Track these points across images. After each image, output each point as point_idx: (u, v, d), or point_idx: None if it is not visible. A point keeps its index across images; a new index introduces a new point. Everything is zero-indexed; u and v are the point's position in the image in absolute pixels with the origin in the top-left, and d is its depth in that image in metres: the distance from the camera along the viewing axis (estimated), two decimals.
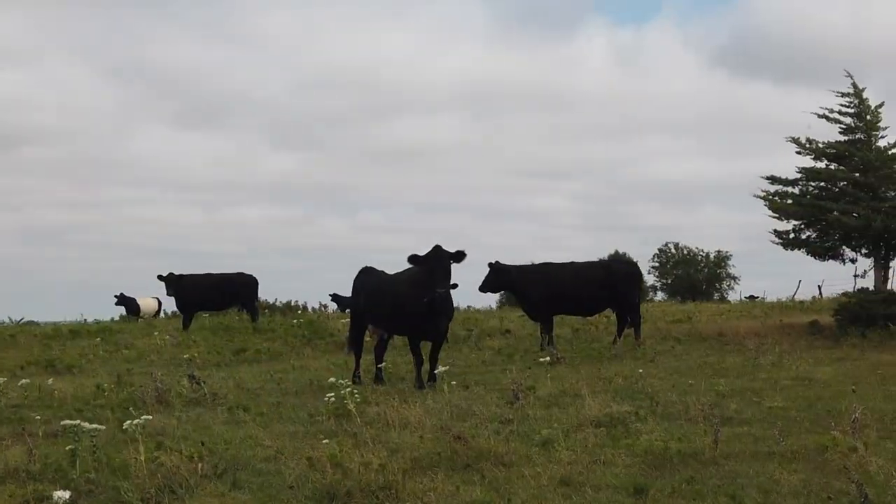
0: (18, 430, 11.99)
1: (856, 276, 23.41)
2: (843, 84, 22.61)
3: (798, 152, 22.70)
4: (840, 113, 22.69)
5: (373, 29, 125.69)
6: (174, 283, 28.97)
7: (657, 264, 67.08)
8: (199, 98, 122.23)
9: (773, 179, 22.76)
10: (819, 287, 45.52)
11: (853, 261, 23.12)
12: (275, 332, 26.03)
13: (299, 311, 36.78)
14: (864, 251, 22.67)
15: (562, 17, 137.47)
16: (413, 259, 14.66)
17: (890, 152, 22.41)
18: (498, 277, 21.15)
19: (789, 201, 22.53)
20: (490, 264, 21.16)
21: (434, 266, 14.46)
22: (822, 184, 22.59)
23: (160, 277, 29.15)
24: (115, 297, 37.63)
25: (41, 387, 15.23)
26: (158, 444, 9.43)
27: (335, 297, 45.92)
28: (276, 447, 10.01)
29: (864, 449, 8.29)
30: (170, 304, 40.53)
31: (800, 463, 8.40)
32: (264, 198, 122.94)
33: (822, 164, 22.85)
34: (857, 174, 21.93)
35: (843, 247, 22.60)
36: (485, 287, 21.60)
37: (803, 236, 22.67)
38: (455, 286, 15.02)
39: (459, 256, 14.68)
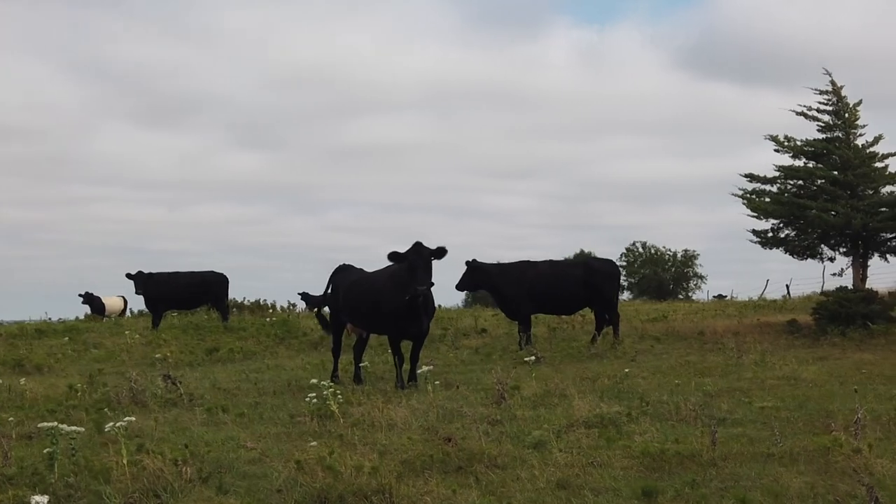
0: None
1: (833, 274, 23.30)
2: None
3: (776, 150, 22.63)
4: (818, 111, 22.63)
5: (337, 27, 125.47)
6: (143, 282, 28.48)
7: (625, 263, 67.17)
8: (162, 96, 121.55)
9: (752, 177, 22.67)
10: (787, 286, 45.64)
11: (831, 259, 23.09)
12: (246, 330, 25.68)
13: (270, 310, 36.34)
14: (842, 250, 22.64)
15: (527, 17, 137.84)
16: (393, 256, 14.39)
17: (868, 150, 22.37)
18: (474, 276, 20.91)
19: (767, 200, 22.43)
20: (467, 262, 20.93)
21: (415, 263, 14.19)
22: (801, 182, 22.49)
23: (129, 276, 28.67)
24: (81, 295, 36.99)
25: (11, 387, 14.84)
26: (139, 447, 9.11)
27: (304, 296, 45.61)
28: (261, 449, 9.76)
29: (867, 450, 8.10)
30: (137, 303, 40.27)
31: (802, 465, 8.22)
32: (228, 196, 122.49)
33: (800, 163, 22.78)
34: (836, 172, 21.84)
35: (822, 245, 22.53)
36: (462, 285, 21.39)
37: (782, 235, 22.59)
38: (432, 284, 14.78)
39: (440, 253, 14.43)
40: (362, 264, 16.03)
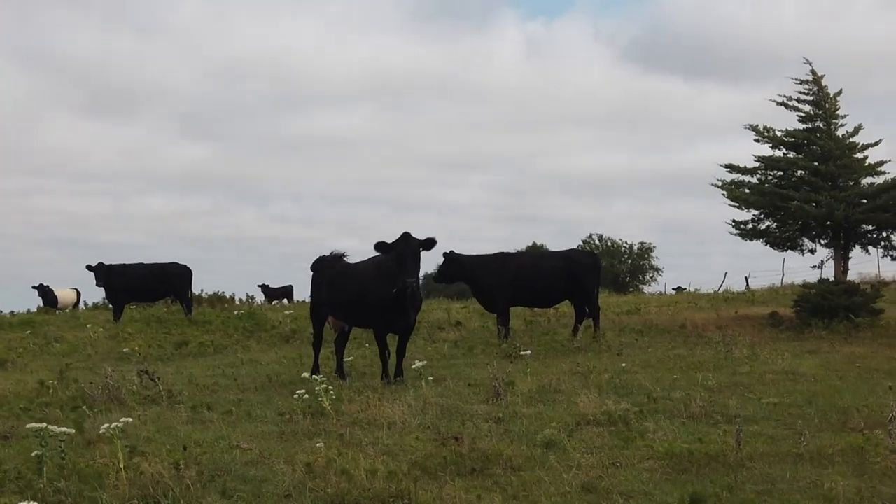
0: None
1: (813, 266, 23.11)
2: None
3: (756, 140, 22.36)
4: (798, 101, 22.38)
5: (282, 18, 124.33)
6: (104, 274, 27.73)
7: None
8: (106, 87, 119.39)
9: (732, 168, 22.39)
10: (746, 279, 45.71)
11: (812, 251, 22.90)
12: (212, 324, 24.94)
13: (235, 303, 35.66)
14: (822, 241, 22.43)
15: (474, 9, 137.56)
16: (380, 246, 13.89)
17: (848, 141, 22.17)
18: (452, 267, 20.46)
19: (746, 190, 22.16)
20: (445, 254, 20.46)
21: (403, 254, 13.70)
22: (781, 173, 22.24)
23: (89, 267, 27.90)
24: (35, 287, 36.10)
25: None
26: (132, 449, 8.53)
27: (264, 288, 45.03)
28: (258, 450, 9.24)
29: None
30: (90, 296, 39.45)
31: (836, 466, 7.87)
32: (173, 188, 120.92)
33: (779, 153, 22.52)
34: (817, 163, 21.60)
35: (802, 237, 22.30)
36: (439, 277, 20.96)
37: (762, 226, 22.32)
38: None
39: (429, 244, 13.97)
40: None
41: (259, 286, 44.97)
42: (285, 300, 44.34)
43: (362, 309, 14.41)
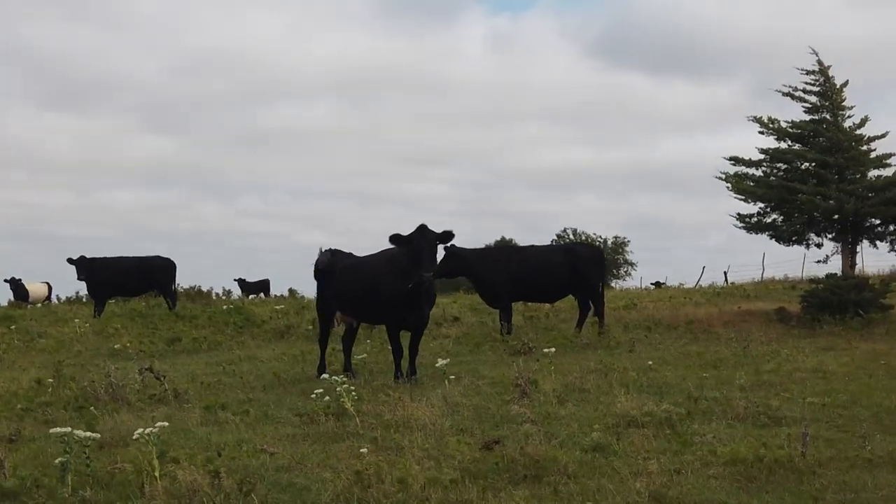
0: None
1: (818, 261, 22.70)
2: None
3: (760, 132, 21.95)
4: (804, 91, 21.96)
5: (248, 11, 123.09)
6: (85, 267, 26.99)
7: None
8: (69, 80, 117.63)
9: (736, 160, 21.97)
10: (725, 273, 45.52)
11: (818, 245, 22.49)
12: (198, 318, 24.31)
13: (212, 297, 34.97)
14: (829, 235, 22.04)
15: (440, 4, 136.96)
16: (395, 239, 13.35)
17: (856, 132, 21.79)
18: (453, 262, 19.94)
19: (751, 183, 21.75)
20: (445, 248, 19.92)
21: (419, 247, 13.17)
22: (787, 165, 21.83)
23: (70, 261, 27.15)
24: (7, 280, 35.24)
25: None
26: (161, 454, 7.96)
27: (241, 283, 44.34)
28: (288, 454, 8.71)
29: None
30: (62, 290, 38.60)
31: None
32: (137, 181, 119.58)
33: (784, 145, 22.10)
34: (825, 155, 21.19)
35: (809, 231, 21.88)
36: (439, 273, 20.44)
37: (768, 220, 21.89)
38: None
39: (447, 237, 13.48)
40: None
41: (236, 280, 44.36)
42: (262, 294, 43.73)
43: (374, 304, 13.87)
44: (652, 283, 50.52)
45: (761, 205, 21.84)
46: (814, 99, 21.91)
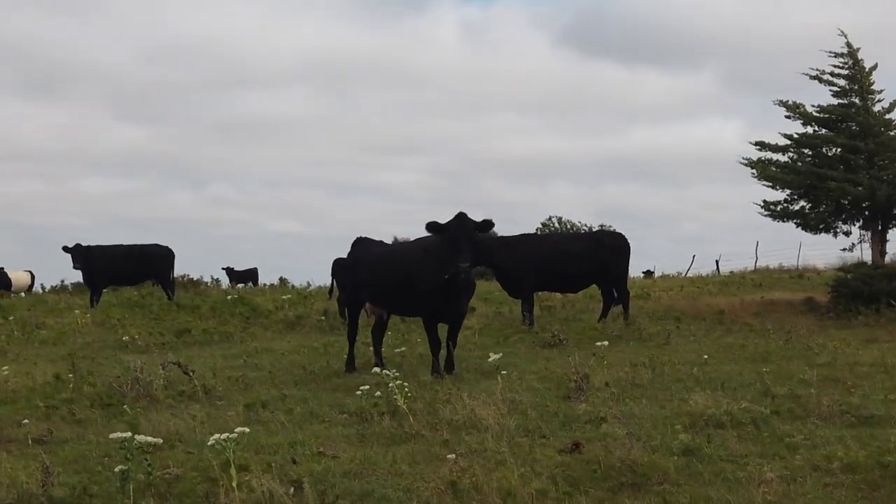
0: None
1: (844, 249, 22.13)
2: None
3: (787, 116, 21.30)
4: (832, 74, 21.32)
5: None
6: (81, 255, 26.18)
7: None
8: (40, 67, 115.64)
9: (762, 145, 21.32)
10: (716, 262, 45.07)
11: (846, 233, 21.89)
12: (200, 308, 23.55)
13: (212, 286, 34.27)
14: (857, 223, 21.43)
15: None
16: (432, 227, 12.70)
17: (885, 117, 21.17)
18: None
19: (773, 169, 21.10)
20: None
21: (456, 236, 12.51)
22: (813, 151, 21.18)
23: (66, 249, 26.35)
24: None
25: None
26: (225, 462, 7.25)
27: (229, 271, 43.58)
28: (354, 458, 8.05)
29: None
30: (46, 279, 37.71)
31: None
32: (109, 169, 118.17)
33: (810, 130, 21.46)
34: (855, 140, 20.54)
35: (836, 219, 21.24)
36: None
37: (795, 207, 21.24)
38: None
39: (486, 226, 12.82)
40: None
41: (224, 269, 43.66)
42: (250, 283, 43.02)
43: (409, 296, 13.20)
44: (643, 272, 50.10)
45: (788, 192, 21.22)
46: (842, 82, 21.28)
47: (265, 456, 7.97)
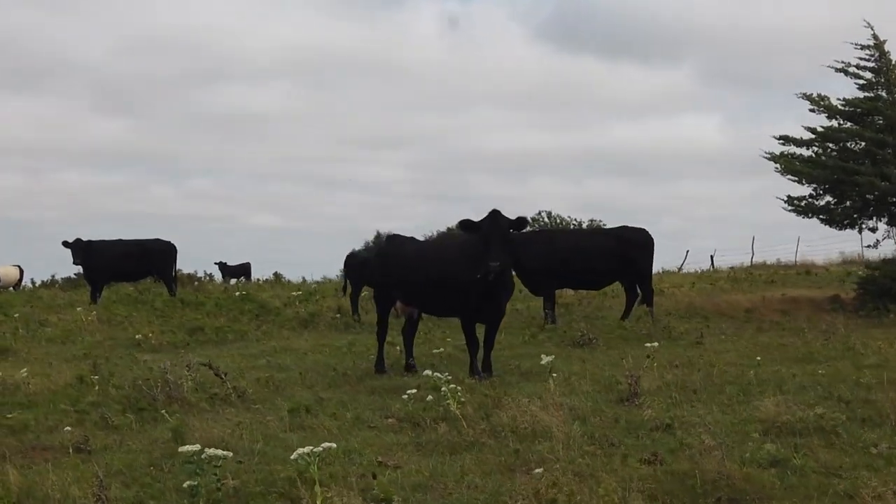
0: (23, 442, 9.24)
1: (868, 246, 21.66)
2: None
3: (811, 110, 20.86)
4: (858, 67, 20.87)
5: None
6: (82, 251, 25.61)
7: None
8: (18, 60, 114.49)
9: (786, 140, 20.88)
10: (711, 257, 44.79)
11: (872, 230, 21.42)
12: (205, 305, 22.98)
13: (206, 281, 33.74)
14: (884, 219, 20.94)
15: None
16: (465, 225, 12.28)
17: None
18: None
19: (797, 163, 20.63)
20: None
21: (488, 235, 12.08)
22: (841, 145, 20.72)
23: (65, 244, 25.77)
24: None
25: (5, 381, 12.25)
26: (300, 473, 6.77)
27: (221, 266, 43.01)
28: (419, 469, 7.60)
29: None
30: (36, 274, 37.03)
31: None
32: (89, 164, 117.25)
33: (834, 123, 20.98)
34: (883, 134, 20.09)
35: (860, 216, 20.75)
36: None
37: (821, 203, 20.79)
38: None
39: (521, 224, 12.38)
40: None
41: (216, 264, 43.09)
42: (243, 278, 42.50)
43: (446, 294, 12.73)
44: None
45: (812, 187, 20.79)
46: (868, 75, 20.86)
47: (330, 468, 7.48)
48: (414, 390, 10.08)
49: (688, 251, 47.28)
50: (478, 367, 12.52)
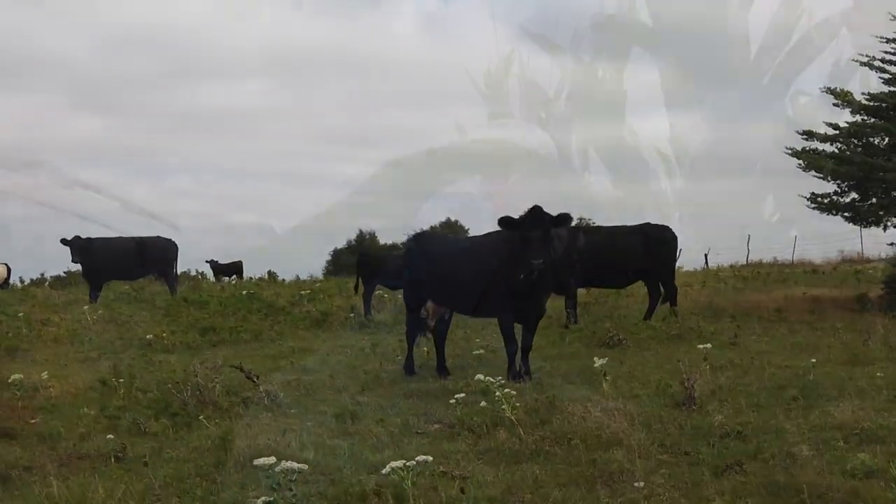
0: (58, 451, 8.73)
1: (891, 244, 21.20)
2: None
3: (835, 104, 20.34)
4: (883, 61, 20.37)
5: None
6: (81, 248, 24.99)
7: None
8: None
9: (809, 135, 20.36)
10: (706, 256, 44.33)
11: None
12: (209, 304, 22.33)
13: (200, 279, 33.14)
14: None
15: None
16: (505, 222, 11.80)
17: None
18: None
19: (825, 160, 20.10)
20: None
21: (530, 233, 11.60)
22: (867, 140, 20.21)
23: (64, 241, 25.13)
24: None
25: (23, 383, 11.68)
26: (377, 492, 6.29)
27: (213, 264, 42.32)
28: (497, 482, 7.12)
29: None
30: (24, 272, 36.26)
31: None
32: (66, 161, 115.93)
33: (858, 118, 20.48)
34: None
35: (889, 213, 20.22)
36: None
37: (846, 199, 20.29)
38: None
39: (563, 220, 11.91)
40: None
41: (207, 262, 42.29)
42: (234, 276, 41.82)
43: (483, 294, 12.21)
44: None
45: (836, 184, 20.29)
46: (894, 69, 20.37)
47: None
48: (462, 394, 9.58)
49: (680, 249, 46.85)
50: (517, 370, 12.02)
